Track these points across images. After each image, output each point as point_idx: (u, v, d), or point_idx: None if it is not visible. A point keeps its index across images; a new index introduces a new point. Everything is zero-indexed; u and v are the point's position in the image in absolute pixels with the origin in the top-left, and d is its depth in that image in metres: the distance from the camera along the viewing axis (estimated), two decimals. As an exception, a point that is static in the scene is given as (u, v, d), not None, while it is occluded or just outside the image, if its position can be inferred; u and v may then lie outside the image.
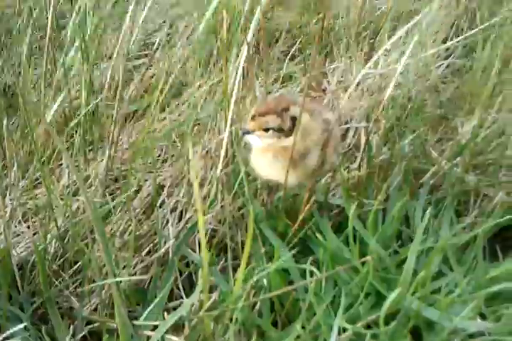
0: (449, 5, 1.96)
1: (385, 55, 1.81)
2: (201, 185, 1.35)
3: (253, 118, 1.17)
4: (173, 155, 1.44)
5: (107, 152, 1.27)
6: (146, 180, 1.36)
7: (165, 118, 1.49)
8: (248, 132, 1.18)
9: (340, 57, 1.91)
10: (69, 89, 1.36)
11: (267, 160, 1.20)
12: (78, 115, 1.36)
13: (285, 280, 1.23)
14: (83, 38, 1.31)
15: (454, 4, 1.98)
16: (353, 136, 1.65)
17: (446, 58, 1.93)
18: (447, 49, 1.93)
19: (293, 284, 1.23)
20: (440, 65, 1.90)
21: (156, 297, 1.17)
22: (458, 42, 1.73)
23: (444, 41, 1.89)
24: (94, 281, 1.19)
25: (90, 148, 1.43)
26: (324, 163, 1.22)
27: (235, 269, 1.22)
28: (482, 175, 1.56)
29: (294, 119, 1.15)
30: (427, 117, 1.68)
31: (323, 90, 1.77)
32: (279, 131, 1.16)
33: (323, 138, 1.19)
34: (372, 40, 2.01)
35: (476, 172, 1.56)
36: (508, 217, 1.31)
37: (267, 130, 1.16)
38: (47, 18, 1.39)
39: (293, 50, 1.91)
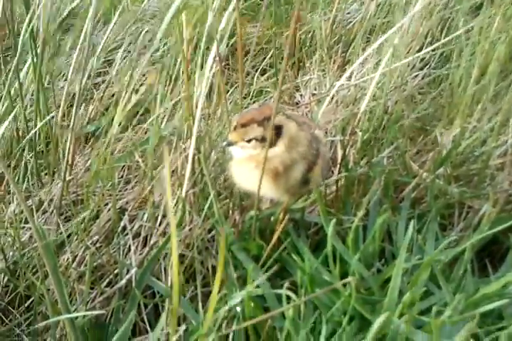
0: (423, 15, 1.93)
1: (359, 67, 1.75)
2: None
3: (235, 129, 1.10)
4: (136, 176, 1.34)
5: (62, 174, 1.16)
6: (106, 204, 1.26)
7: (127, 137, 1.40)
8: (231, 144, 1.11)
9: (312, 70, 1.85)
10: (24, 108, 1.27)
11: (248, 169, 1.12)
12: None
13: (260, 307, 1.13)
14: (36, 52, 1.22)
15: (428, 14, 1.94)
16: (329, 150, 1.58)
17: (421, 69, 1.88)
18: (422, 59, 1.89)
19: (269, 310, 1.13)
20: (416, 76, 1.85)
21: (117, 331, 1.06)
22: (433, 50, 1.67)
23: (419, 51, 1.84)
24: (48, 317, 1.07)
25: (46, 171, 1.32)
26: (308, 182, 1.15)
27: (205, 296, 1.13)
28: (466, 186, 1.48)
29: (278, 128, 1.08)
30: (405, 128, 1.62)
31: (296, 104, 1.70)
32: (263, 140, 1.09)
33: (310, 152, 1.12)
34: (344, 53, 1.96)
35: (459, 184, 1.48)
36: (495, 229, 1.23)
37: (249, 141, 1.10)
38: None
39: (263, 64, 1.85)
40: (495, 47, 1.62)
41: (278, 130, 1.08)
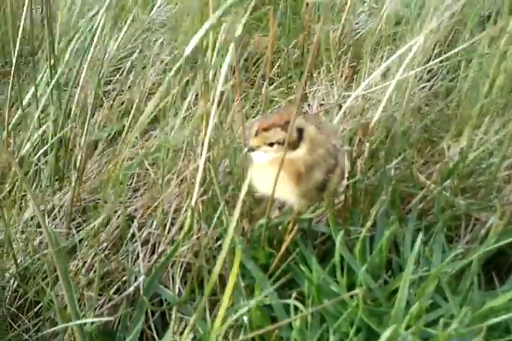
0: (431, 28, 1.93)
1: (367, 77, 1.76)
2: (176, 215, 1.26)
3: (256, 134, 1.11)
4: (145, 184, 1.35)
5: (73, 181, 1.17)
6: (116, 211, 1.27)
7: (137, 144, 1.41)
8: (252, 149, 1.12)
9: (320, 80, 1.86)
10: (38, 116, 1.28)
11: (271, 173, 1.12)
12: (45, 141, 1.28)
13: (268, 317, 1.13)
14: (54, 63, 1.23)
15: (436, 27, 1.95)
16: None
17: (428, 81, 1.89)
18: (429, 71, 1.90)
19: (276, 320, 1.13)
20: (423, 87, 1.86)
21: (125, 339, 1.06)
22: (441, 62, 1.68)
23: (426, 63, 1.85)
24: (56, 324, 1.08)
25: (57, 177, 1.33)
26: (326, 188, 1.16)
27: (212, 304, 1.13)
28: (473, 198, 1.48)
29: (299, 131, 1.09)
30: (412, 140, 1.62)
31: (304, 113, 1.70)
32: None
33: (329, 155, 1.14)
34: (352, 64, 1.97)
35: (466, 196, 1.49)
36: (502, 242, 1.23)
37: (271, 144, 1.10)
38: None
39: (271, 74, 1.86)
40: (503, 60, 1.63)
41: (299, 133, 1.09)
